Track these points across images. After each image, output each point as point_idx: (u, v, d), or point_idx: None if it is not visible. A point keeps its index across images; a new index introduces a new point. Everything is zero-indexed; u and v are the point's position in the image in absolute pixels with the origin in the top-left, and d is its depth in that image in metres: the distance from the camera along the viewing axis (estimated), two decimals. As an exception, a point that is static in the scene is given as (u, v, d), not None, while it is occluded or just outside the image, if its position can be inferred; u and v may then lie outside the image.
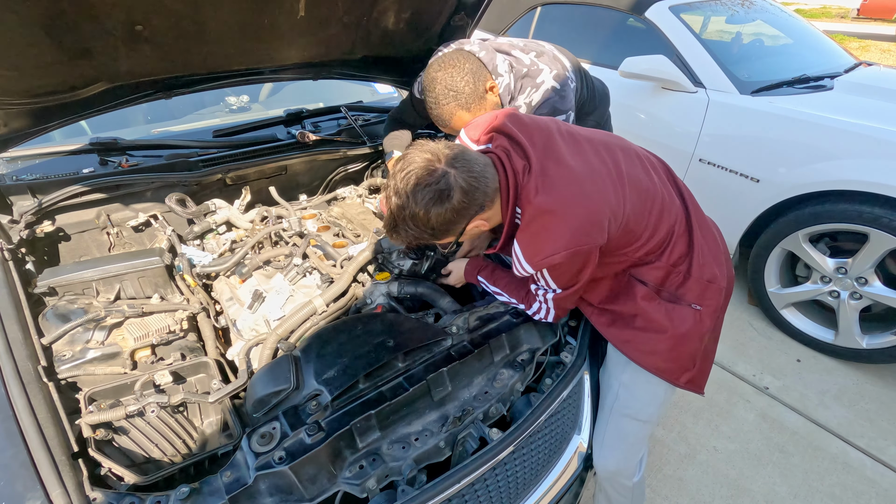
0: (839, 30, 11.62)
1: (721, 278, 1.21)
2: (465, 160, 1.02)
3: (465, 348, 1.21)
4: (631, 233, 1.11)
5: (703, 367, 1.26)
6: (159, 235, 1.66)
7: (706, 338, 1.23)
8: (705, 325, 1.21)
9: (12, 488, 0.85)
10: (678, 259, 1.19)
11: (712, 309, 1.21)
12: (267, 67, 1.74)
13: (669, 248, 1.18)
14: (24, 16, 1.08)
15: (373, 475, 0.99)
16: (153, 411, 1.09)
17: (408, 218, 1.02)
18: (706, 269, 1.20)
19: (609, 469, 1.37)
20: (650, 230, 1.14)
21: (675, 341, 1.20)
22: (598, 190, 1.05)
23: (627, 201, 1.08)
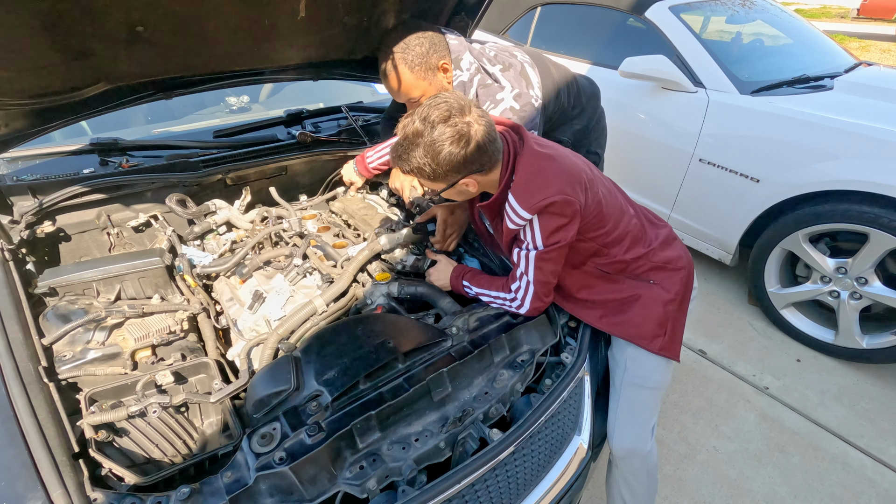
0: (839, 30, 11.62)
1: (677, 260, 1.35)
2: (488, 122, 1.12)
3: (466, 349, 1.21)
4: (601, 216, 1.23)
5: (672, 336, 1.35)
6: (160, 236, 1.66)
7: (669, 306, 1.33)
8: (665, 296, 1.32)
9: (13, 489, 0.85)
10: (635, 257, 1.31)
11: (670, 287, 1.33)
12: (267, 68, 1.74)
13: (627, 244, 1.30)
14: (24, 16, 1.08)
15: (373, 476, 0.99)
16: (154, 412, 1.09)
17: (421, 144, 1.08)
18: (660, 255, 1.34)
19: (625, 446, 1.40)
20: (614, 219, 1.27)
21: (643, 307, 1.32)
22: (579, 164, 1.23)
23: (599, 186, 1.25)
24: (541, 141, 1.26)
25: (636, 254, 1.31)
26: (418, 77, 1.48)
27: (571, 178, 1.17)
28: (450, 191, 1.20)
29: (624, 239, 1.30)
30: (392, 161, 1.18)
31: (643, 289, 1.34)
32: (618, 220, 1.28)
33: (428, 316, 1.37)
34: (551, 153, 1.20)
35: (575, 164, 1.22)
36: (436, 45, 1.50)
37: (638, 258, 1.32)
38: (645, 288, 1.34)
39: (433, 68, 1.50)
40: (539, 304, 1.29)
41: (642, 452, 1.41)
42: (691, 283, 1.39)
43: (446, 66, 1.52)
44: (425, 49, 1.47)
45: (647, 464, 1.44)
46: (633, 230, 1.32)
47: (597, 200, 1.22)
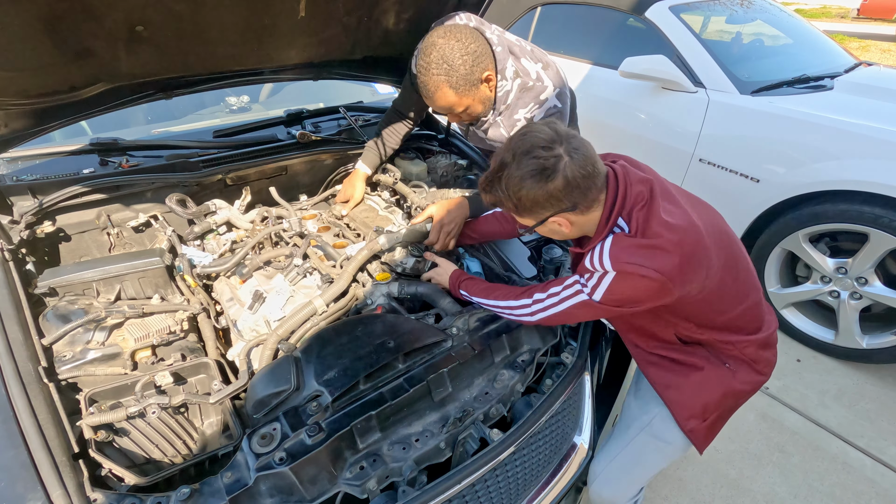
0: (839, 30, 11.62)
1: (766, 365, 1.23)
2: (585, 157, 0.99)
3: (466, 349, 1.21)
4: (710, 302, 1.09)
5: (712, 426, 1.24)
6: (159, 236, 1.66)
7: (728, 399, 1.22)
8: (734, 386, 1.20)
9: (13, 489, 0.85)
10: (725, 341, 1.18)
11: (746, 379, 1.21)
12: (267, 68, 1.74)
13: (724, 329, 1.16)
14: (24, 16, 1.08)
15: (373, 476, 0.99)
16: (154, 412, 1.09)
17: (504, 178, 1.01)
18: (753, 352, 1.19)
19: (603, 496, 1.34)
20: (727, 306, 1.13)
21: (700, 382, 1.20)
22: (706, 244, 1.03)
23: (726, 270, 1.09)
24: (672, 197, 1.06)
25: (728, 339, 1.17)
26: (462, 96, 1.43)
27: (688, 261, 0.98)
28: (541, 228, 1.09)
29: (725, 326, 1.16)
30: (482, 194, 1.11)
31: (713, 366, 1.20)
32: (730, 307, 1.13)
33: (428, 316, 1.37)
34: (681, 224, 1.00)
35: (702, 243, 1.02)
36: (479, 58, 1.40)
37: (728, 343, 1.18)
38: (716, 366, 1.20)
39: (476, 83, 1.43)
40: (543, 324, 1.21)
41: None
42: (756, 390, 1.27)
43: (490, 76, 1.46)
44: (469, 67, 1.38)
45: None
46: (740, 319, 1.17)
47: (713, 286, 1.06)
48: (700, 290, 1.03)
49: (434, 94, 1.42)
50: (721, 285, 1.07)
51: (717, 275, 1.05)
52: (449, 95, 1.42)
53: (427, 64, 1.38)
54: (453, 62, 1.36)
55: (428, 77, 1.39)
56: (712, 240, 1.04)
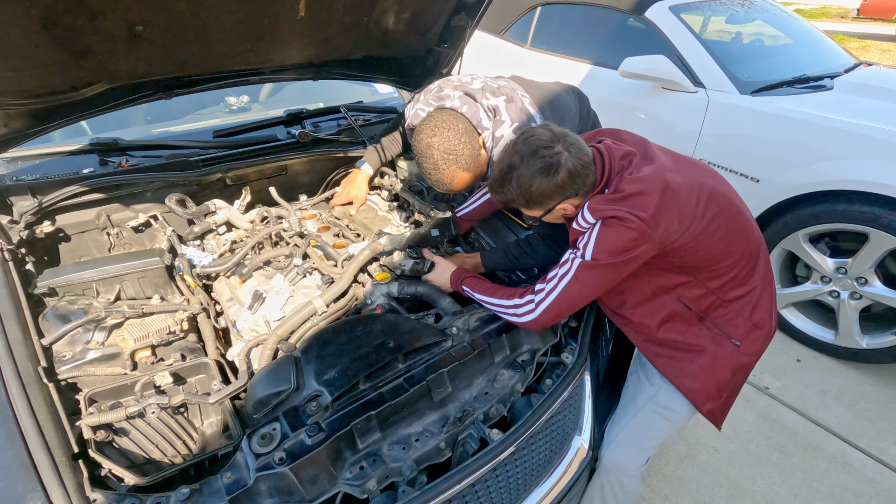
0: (839, 30, 11.61)
1: (767, 325, 1.27)
2: (579, 149, 1.14)
3: (466, 349, 1.21)
4: (712, 254, 1.17)
5: (726, 403, 1.31)
6: (159, 236, 1.66)
7: (738, 374, 1.28)
8: (741, 361, 1.26)
9: (12, 489, 0.85)
10: (735, 297, 1.23)
11: (752, 350, 1.26)
12: (267, 68, 1.74)
13: (731, 281, 1.22)
14: (24, 16, 1.08)
15: (373, 476, 0.99)
16: (153, 412, 1.09)
17: (514, 178, 1.14)
18: (756, 313, 1.25)
19: (616, 461, 1.39)
20: (731, 258, 1.19)
21: (710, 365, 1.26)
22: (687, 194, 1.12)
23: (724, 219, 1.17)
24: (652, 159, 1.16)
25: (736, 294, 1.23)
26: (474, 172, 1.49)
27: (659, 204, 1.07)
28: (549, 216, 1.22)
29: (729, 274, 1.21)
30: (493, 195, 1.24)
31: (720, 345, 1.25)
32: (723, 253, 1.19)
33: (428, 316, 1.37)
34: (649, 175, 1.11)
35: (671, 188, 1.10)
36: (469, 133, 1.46)
37: (734, 300, 1.23)
38: (723, 344, 1.25)
39: (478, 153, 1.49)
40: (546, 319, 1.19)
41: (631, 472, 1.40)
42: (765, 347, 1.31)
43: (483, 141, 1.52)
44: (470, 146, 1.45)
45: (631, 485, 1.42)
46: (745, 269, 1.23)
47: (698, 230, 1.12)
48: (682, 232, 1.11)
49: (452, 183, 1.49)
50: (709, 231, 1.14)
51: (701, 221, 1.13)
52: (466, 179, 1.49)
53: (434, 163, 1.44)
54: (457, 150, 1.43)
55: (441, 174, 1.46)
56: (694, 190, 1.14)
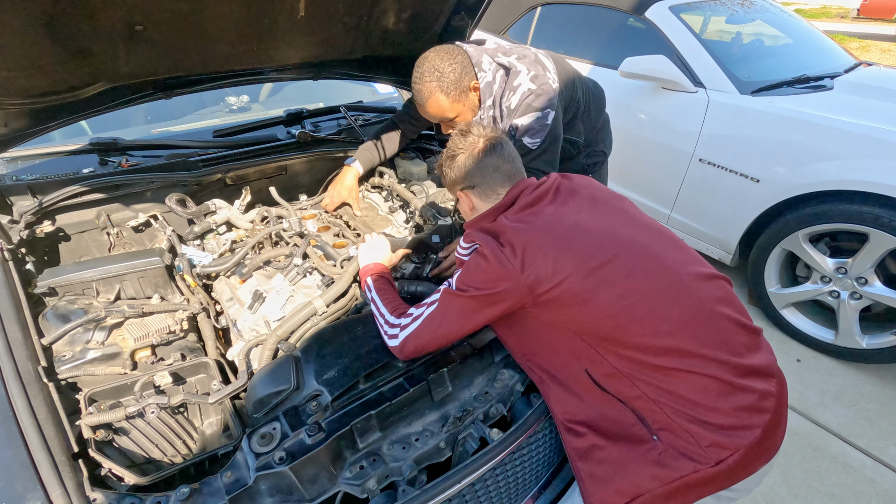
0: (839, 30, 11.62)
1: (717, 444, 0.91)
2: (499, 151, 1.18)
3: (466, 348, 1.21)
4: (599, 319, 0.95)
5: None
6: (159, 236, 1.66)
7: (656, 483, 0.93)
8: (667, 472, 0.92)
9: (12, 489, 0.84)
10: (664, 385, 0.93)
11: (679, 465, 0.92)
12: (267, 67, 1.74)
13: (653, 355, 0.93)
14: (23, 16, 1.08)
15: (373, 475, 0.99)
16: (153, 412, 1.09)
17: (443, 159, 1.24)
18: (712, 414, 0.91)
19: None
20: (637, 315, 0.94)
21: (614, 457, 0.96)
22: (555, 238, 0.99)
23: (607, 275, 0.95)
24: (561, 203, 1.08)
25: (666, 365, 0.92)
26: (454, 101, 1.55)
27: (530, 244, 0.97)
28: (458, 205, 1.28)
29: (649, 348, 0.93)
30: (438, 171, 1.31)
31: (633, 438, 0.95)
32: (643, 320, 0.94)
33: (428, 316, 1.36)
34: (537, 216, 1.04)
35: (554, 232, 0.99)
36: (466, 68, 1.54)
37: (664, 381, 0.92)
38: (639, 439, 0.95)
39: (466, 90, 1.56)
40: (408, 349, 1.08)
41: None
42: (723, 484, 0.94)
43: (476, 85, 1.58)
44: (458, 74, 1.52)
45: None
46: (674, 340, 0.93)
47: (593, 286, 0.94)
48: (558, 280, 0.94)
49: (427, 100, 1.54)
50: (611, 289, 0.95)
51: (594, 273, 0.95)
52: (441, 101, 1.53)
53: (420, 74, 1.52)
54: (443, 69, 1.50)
55: (422, 84, 1.52)
56: (602, 238, 1.00)
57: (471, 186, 1.19)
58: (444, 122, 1.65)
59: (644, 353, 0.93)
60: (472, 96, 1.60)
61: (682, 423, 0.92)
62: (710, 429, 0.91)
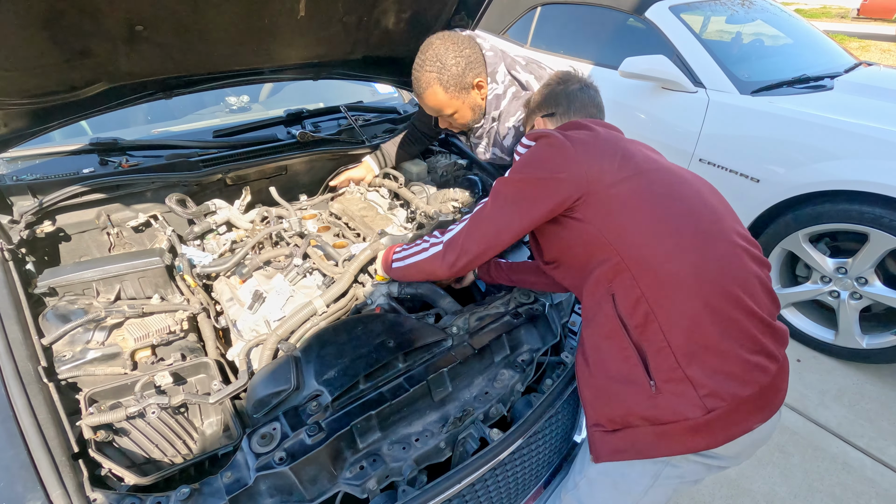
0: (839, 30, 11.62)
1: (703, 388, 0.90)
2: (587, 94, 1.23)
3: (466, 349, 1.21)
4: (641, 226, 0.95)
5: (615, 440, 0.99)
6: (159, 236, 1.66)
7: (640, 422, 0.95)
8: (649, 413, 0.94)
9: (12, 489, 0.84)
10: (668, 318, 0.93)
11: (667, 410, 0.92)
12: (267, 67, 1.74)
13: (669, 283, 0.92)
14: (24, 16, 1.08)
15: (373, 476, 0.99)
16: (154, 412, 1.09)
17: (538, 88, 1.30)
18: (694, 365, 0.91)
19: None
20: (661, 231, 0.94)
21: (615, 391, 0.98)
22: (610, 145, 1.03)
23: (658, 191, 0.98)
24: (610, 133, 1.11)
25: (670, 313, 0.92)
26: (451, 97, 1.47)
27: (587, 142, 1.02)
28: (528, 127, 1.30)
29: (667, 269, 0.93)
30: None
31: (633, 379, 0.95)
32: (664, 237, 0.94)
33: (428, 316, 1.37)
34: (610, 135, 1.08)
35: (608, 140, 1.04)
36: (472, 63, 1.45)
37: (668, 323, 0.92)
38: (637, 378, 0.95)
39: (467, 87, 1.47)
40: (451, 254, 1.09)
41: None
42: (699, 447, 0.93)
43: (481, 83, 1.50)
44: (461, 69, 1.43)
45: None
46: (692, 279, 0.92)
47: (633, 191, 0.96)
48: (621, 178, 0.96)
49: (424, 91, 1.45)
50: (656, 204, 0.96)
51: (642, 187, 0.97)
52: (438, 94, 1.45)
53: (422, 61, 1.42)
54: (446, 61, 1.40)
55: (420, 73, 1.43)
56: (649, 160, 1.04)
57: (551, 114, 1.20)
58: (442, 116, 1.57)
59: (677, 286, 0.92)
60: (475, 95, 1.51)
61: (687, 370, 0.91)
62: (711, 375, 0.91)
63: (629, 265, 0.95)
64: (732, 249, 0.97)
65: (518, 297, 1.38)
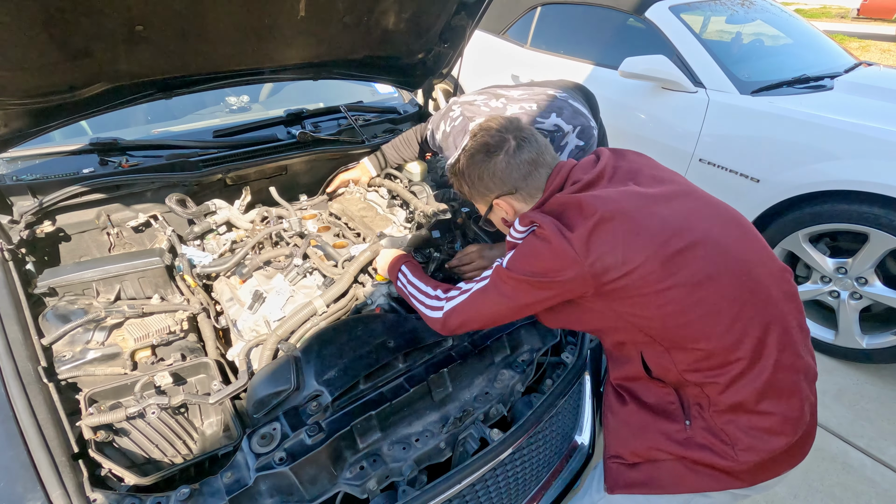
0: (839, 30, 11.62)
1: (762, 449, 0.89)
2: (532, 144, 1.03)
3: (466, 349, 1.21)
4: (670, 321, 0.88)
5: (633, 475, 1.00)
6: (159, 236, 1.66)
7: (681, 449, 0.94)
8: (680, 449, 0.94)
9: (13, 489, 0.85)
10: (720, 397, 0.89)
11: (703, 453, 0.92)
12: (267, 67, 1.74)
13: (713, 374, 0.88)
14: (24, 16, 1.08)
15: (373, 476, 0.99)
16: (154, 412, 1.09)
17: (460, 158, 1.09)
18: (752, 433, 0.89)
19: None
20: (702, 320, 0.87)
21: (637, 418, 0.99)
22: (628, 222, 0.88)
23: (686, 276, 0.86)
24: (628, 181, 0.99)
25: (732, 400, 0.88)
26: None
27: (595, 227, 0.87)
28: (493, 216, 1.12)
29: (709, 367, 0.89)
30: (449, 177, 1.20)
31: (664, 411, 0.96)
32: (706, 326, 0.87)
33: (428, 316, 1.36)
34: (603, 196, 0.92)
35: (627, 215, 0.89)
36: None
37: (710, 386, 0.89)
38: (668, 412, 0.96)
39: None
40: (451, 324, 1.04)
41: None
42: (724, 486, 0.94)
43: None
44: None
45: None
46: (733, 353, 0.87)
47: (663, 284, 0.86)
48: (626, 270, 0.85)
49: None
50: (678, 288, 0.86)
51: (667, 269, 0.86)
52: None
53: None
54: None
55: None
56: (674, 228, 0.88)
57: (511, 192, 1.04)
58: None
59: (708, 359, 0.88)
60: None
61: (723, 424, 0.90)
62: (748, 430, 0.89)
63: (658, 340, 0.91)
64: (775, 315, 0.90)
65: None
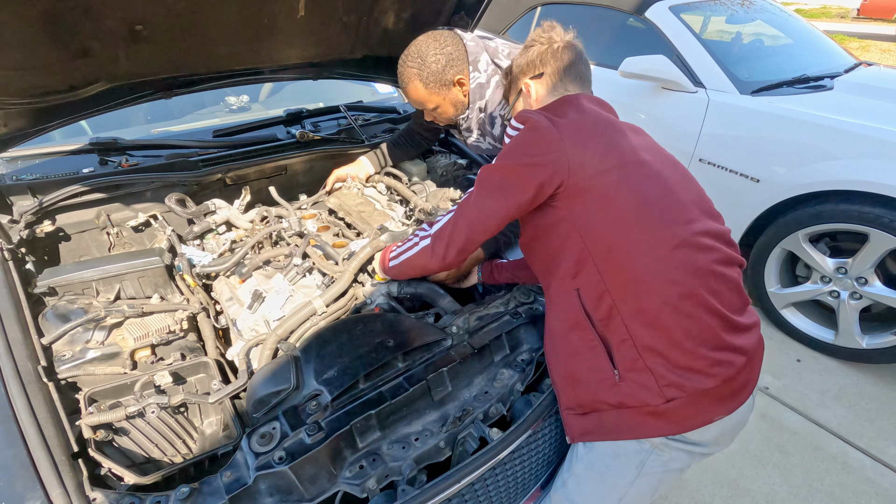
0: (839, 30, 11.62)
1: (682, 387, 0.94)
2: (581, 57, 1.19)
3: (466, 348, 1.21)
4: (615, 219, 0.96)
5: (587, 422, 1.05)
6: (159, 235, 1.66)
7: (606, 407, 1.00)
8: (614, 398, 0.99)
9: (12, 488, 0.85)
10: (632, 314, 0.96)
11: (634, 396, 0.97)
12: (267, 67, 1.74)
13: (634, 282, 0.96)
14: (24, 16, 1.08)
15: (373, 475, 0.99)
16: (153, 412, 1.09)
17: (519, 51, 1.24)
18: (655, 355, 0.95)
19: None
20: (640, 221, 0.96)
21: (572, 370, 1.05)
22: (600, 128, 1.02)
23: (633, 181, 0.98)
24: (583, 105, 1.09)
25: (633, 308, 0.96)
26: (432, 93, 1.52)
27: (575, 127, 0.99)
28: (516, 104, 1.22)
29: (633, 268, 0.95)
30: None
31: (598, 364, 1.01)
32: (643, 227, 0.96)
33: (428, 315, 1.37)
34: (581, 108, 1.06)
35: (599, 124, 1.03)
36: (453, 60, 1.49)
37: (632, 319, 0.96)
38: (601, 365, 1.00)
39: (448, 84, 1.52)
40: (440, 244, 1.10)
41: None
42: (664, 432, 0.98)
43: (462, 80, 1.54)
44: (441, 66, 1.48)
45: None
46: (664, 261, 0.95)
47: (616, 182, 0.96)
48: (593, 171, 0.96)
49: (406, 85, 1.53)
50: (625, 199, 0.96)
51: (619, 181, 0.96)
52: (419, 89, 1.52)
53: (405, 56, 1.50)
54: (426, 58, 1.47)
55: (403, 68, 1.51)
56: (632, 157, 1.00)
57: (539, 75, 1.15)
58: (426, 110, 1.62)
59: (640, 284, 0.95)
60: (456, 91, 1.55)
61: (648, 362, 0.95)
62: (672, 368, 0.95)
63: (595, 259, 0.98)
64: (699, 250, 0.98)
65: (518, 297, 1.38)
